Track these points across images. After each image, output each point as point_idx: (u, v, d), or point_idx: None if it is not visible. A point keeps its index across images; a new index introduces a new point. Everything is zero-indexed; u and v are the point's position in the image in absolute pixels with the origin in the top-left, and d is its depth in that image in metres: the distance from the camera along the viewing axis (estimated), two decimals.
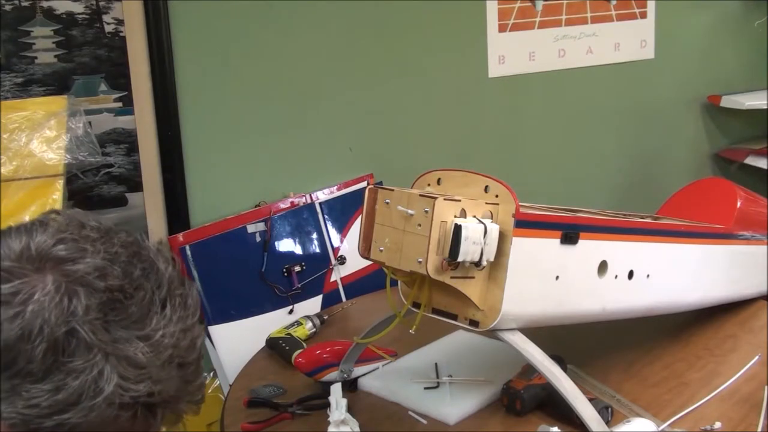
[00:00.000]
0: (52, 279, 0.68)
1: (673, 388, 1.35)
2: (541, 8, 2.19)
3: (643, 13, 2.35)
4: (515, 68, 2.19)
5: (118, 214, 1.72)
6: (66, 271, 0.69)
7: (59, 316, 0.67)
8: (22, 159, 1.49)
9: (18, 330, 0.66)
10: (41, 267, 0.69)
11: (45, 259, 0.69)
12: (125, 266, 0.72)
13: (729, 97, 2.47)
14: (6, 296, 0.67)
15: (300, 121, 1.93)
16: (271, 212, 1.84)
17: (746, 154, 2.51)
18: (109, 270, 0.70)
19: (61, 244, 0.70)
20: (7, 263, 0.69)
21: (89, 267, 0.70)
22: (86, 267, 0.69)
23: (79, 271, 0.69)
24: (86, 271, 0.69)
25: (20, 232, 0.72)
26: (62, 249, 0.70)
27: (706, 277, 1.51)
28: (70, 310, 0.67)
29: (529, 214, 1.10)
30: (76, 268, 0.69)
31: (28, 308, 0.66)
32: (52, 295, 0.67)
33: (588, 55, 2.30)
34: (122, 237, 0.75)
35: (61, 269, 0.69)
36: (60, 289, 0.68)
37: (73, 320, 0.67)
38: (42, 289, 0.67)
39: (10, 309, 0.66)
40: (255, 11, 1.82)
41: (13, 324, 0.66)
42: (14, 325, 0.66)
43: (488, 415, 1.29)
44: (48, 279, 0.68)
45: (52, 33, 1.61)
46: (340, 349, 1.37)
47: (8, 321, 0.66)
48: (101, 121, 1.68)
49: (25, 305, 0.66)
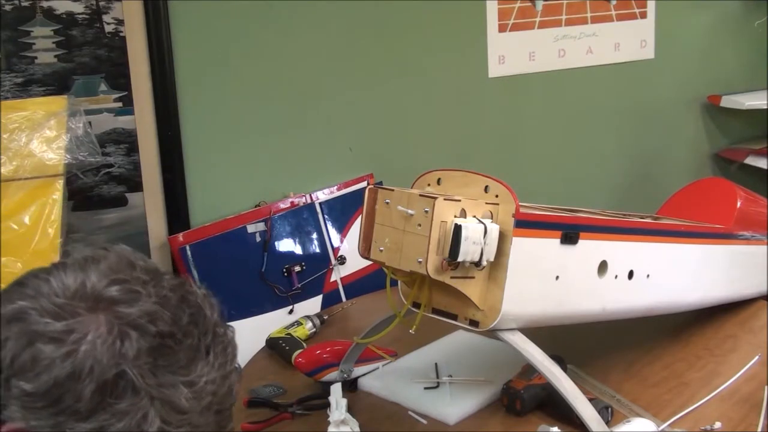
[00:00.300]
0: (105, 320, 0.68)
1: (673, 388, 1.35)
2: (541, 8, 2.19)
3: (643, 13, 2.35)
4: (515, 68, 2.19)
5: (118, 214, 1.72)
6: (119, 313, 0.69)
7: (111, 358, 0.67)
8: (22, 159, 1.49)
9: (69, 368, 0.66)
10: (95, 307, 0.69)
11: (99, 300, 0.70)
12: (175, 311, 0.72)
13: (729, 97, 2.47)
14: (60, 334, 0.67)
15: (300, 121, 1.93)
16: (271, 212, 1.84)
17: (746, 154, 2.51)
18: (160, 315, 0.71)
19: (115, 285, 0.71)
20: (62, 300, 0.69)
21: (142, 311, 0.70)
22: (139, 310, 0.70)
23: (132, 314, 0.69)
24: (139, 315, 0.70)
25: (75, 268, 0.72)
26: (116, 290, 0.71)
27: (706, 277, 1.51)
28: (121, 352, 0.68)
29: (529, 214, 1.10)
30: (129, 311, 0.69)
31: (81, 348, 0.66)
32: (105, 336, 0.67)
33: (588, 55, 2.30)
34: (170, 279, 0.76)
35: (114, 311, 0.69)
36: (113, 331, 0.68)
37: (123, 363, 0.67)
38: (95, 329, 0.68)
39: (63, 347, 0.66)
40: (255, 11, 1.82)
41: (65, 362, 0.66)
42: (66, 363, 0.66)
43: (488, 415, 1.29)
44: (101, 320, 0.68)
45: (52, 33, 1.61)
46: (340, 349, 1.37)
47: (60, 359, 0.66)
48: (101, 121, 1.68)
49: (78, 344, 0.67)
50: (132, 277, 0.72)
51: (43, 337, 0.66)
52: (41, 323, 0.67)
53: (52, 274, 0.71)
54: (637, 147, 2.47)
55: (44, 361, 0.66)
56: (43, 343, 0.66)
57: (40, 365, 0.66)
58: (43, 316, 0.67)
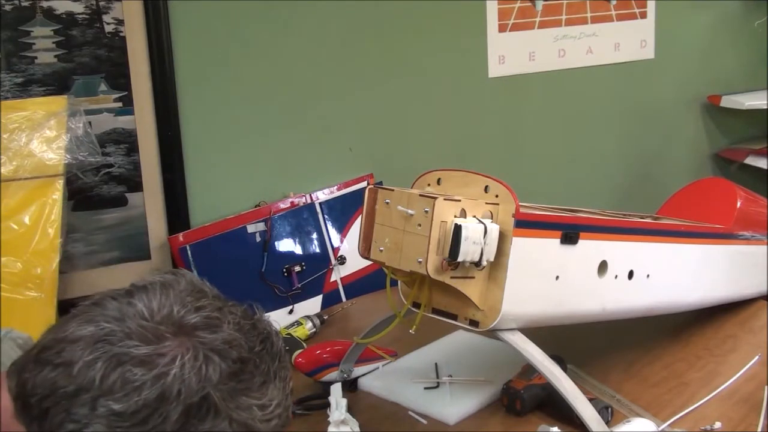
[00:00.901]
0: (192, 345, 0.72)
1: (673, 388, 1.35)
2: (541, 8, 2.19)
3: (643, 13, 2.35)
4: (515, 68, 2.19)
5: (118, 214, 1.72)
6: (203, 339, 0.73)
7: (197, 382, 0.70)
8: (22, 159, 1.49)
9: (158, 390, 0.69)
10: (180, 332, 0.73)
11: (183, 326, 0.73)
12: (250, 338, 0.76)
13: (729, 97, 2.47)
14: (150, 357, 0.70)
15: (300, 121, 1.93)
16: (271, 212, 1.84)
17: (746, 154, 2.51)
18: (238, 341, 0.75)
19: (197, 312, 0.75)
20: (149, 324, 0.72)
21: (223, 337, 0.74)
22: (220, 337, 0.74)
23: (216, 340, 0.73)
24: (223, 341, 0.73)
25: (154, 292, 0.76)
26: (199, 317, 0.74)
27: (706, 277, 1.51)
28: (206, 376, 0.71)
29: (529, 214, 1.10)
30: (212, 338, 0.73)
31: (171, 371, 0.70)
32: (192, 362, 0.71)
33: (588, 55, 2.30)
34: (239, 308, 0.80)
35: (198, 336, 0.73)
36: (198, 356, 0.71)
37: (208, 386, 0.71)
38: (182, 354, 0.71)
39: (154, 370, 0.69)
40: (255, 11, 1.82)
41: (155, 385, 0.69)
42: (156, 385, 0.69)
43: (488, 415, 1.29)
44: (187, 345, 0.72)
45: (52, 33, 1.61)
46: (340, 349, 1.38)
47: (151, 381, 0.69)
48: (101, 121, 1.68)
49: (168, 368, 0.70)
50: (209, 305, 0.76)
51: (134, 360, 0.69)
52: (131, 346, 0.70)
53: (135, 298, 0.74)
54: (637, 147, 2.47)
55: (134, 383, 0.69)
56: (133, 365, 0.69)
57: (130, 387, 0.69)
58: (131, 339, 0.71)
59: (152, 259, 1.77)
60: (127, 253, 1.74)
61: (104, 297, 0.76)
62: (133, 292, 0.76)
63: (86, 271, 1.70)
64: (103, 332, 0.71)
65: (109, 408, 0.68)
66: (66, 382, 0.69)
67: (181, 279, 0.79)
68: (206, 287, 0.80)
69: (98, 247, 1.71)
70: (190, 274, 0.81)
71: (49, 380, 0.70)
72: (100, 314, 0.73)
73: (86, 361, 0.69)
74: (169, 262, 1.77)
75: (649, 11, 2.36)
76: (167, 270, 0.81)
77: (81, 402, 0.69)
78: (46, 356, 0.72)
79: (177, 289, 0.76)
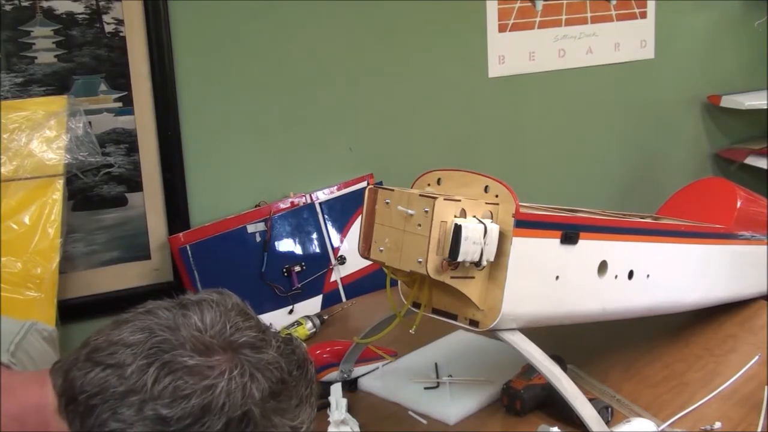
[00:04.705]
0: (239, 362, 0.76)
1: (673, 388, 1.35)
2: (541, 8, 2.19)
3: (643, 13, 2.35)
4: (515, 68, 2.19)
5: (118, 214, 1.72)
6: (250, 357, 0.77)
7: (242, 398, 0.74)
8: (22, 159, 1.49)
9: (206, 401, 0.73)
10: (230, 348, 0.76)
11: (233, 343, 0.77)
12: (289, 362, 0.80)
13: (729, 97, 2.47)
14: (201, 368, 0.74)
15: (300, 121, 1.93)
16: (271, 212, 1.84)
17: (746, 154, 2.51)
18: (280, 363, 0.79)
19: (248, 332, 0.78)
20: (203, 337, 0.76)
21: (268, 359, 0.78)
22: (266, 358, 0.77)
23: (262, 361, 0.77)
24: (268, 361, 0.77)
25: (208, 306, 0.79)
26: (249, 337, 0.78)
27: (706, 277, 1.51)
28: (250, 393, 0.75)
29: (529, 214, 1.10)
30: (259, 358, 0.77)
31: (219, 384, 0.73)
32: (239, 378, 0.75)
33: (588, 55, 2.30)
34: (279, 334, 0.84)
35: (246, 355, 0.77)
36: (245, 373, 0.75)
37: (250, 402, 0.75)
38: (231, 370, 0.75)
39: (204, 381, 0.73)
40: (255, 11, 1.82)
41: (203, 395, 0.73)
42: (204, 396, 0.73)
43: (488, 415, 1.29)
44: (236, 361, 0.76)
45: (52, 33, 1.61)
46: (340, 349, 1.38)
47: (200, 391, 0.73)
48: (101, 121, 1.68)
49: (217, 380, 0.73)
50: (254, 326, 0.80)
51: (185, 369, 0.73)
52: (184, 355, 0.74)
53: (190, 310, 0.78)
54: (637, 147, 2.47)
55: (184, 391, 0.73)
56: (184, 374, 0.73)
57: (179, 394, 0.73)
58: (184, 348, 0.74)
59: (152, 259, 1.77)
60: (127, 253, 1.74)
61: (157, 307, 0.79)
62: (186, 305, 0.79)
63: (86, 271, 1.70)
64: (158, 339, 0.75)
65: (156, 412, 0.72)
66: (117, 382, 0.73)
67: (228, 299, 0.82)
68: (249, 309, 0.83)
69: (98, 247, 1.71)
70: (234, 295, 0.84)
71: (99, 379, 0.73)
72: (154, 322, 0.76)
73: (139, 365, 0.73)
74: (169, 262, 1.78)
75: (649, 11, 2.36)
76: (213, 289, 0.84)
77: (129, 403, 0.72)
78: (98, 357, 0.75)
79: (226, 308, 0.80)
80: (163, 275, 1.78)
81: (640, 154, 2.48)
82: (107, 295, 1.72)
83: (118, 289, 1.73)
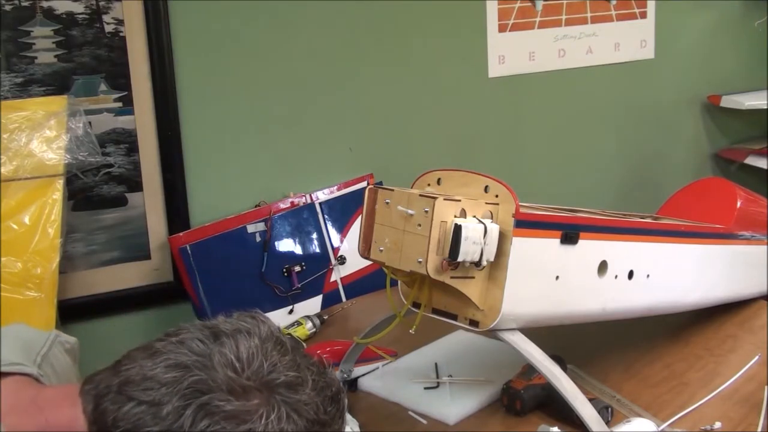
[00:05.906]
0: (276, 403, 0.75)
1: (673, 388, 1.35)
2: (541, 8, 2.19)
3: (643, 13, 2.35)
4: (515, 68, 2.19)
5: (118, 214, 1.72)
6: (285, 397, 0.76)
7: None
8: (22, 159, 1.49)
9: None
10: (266, 389, 0.75)
11: (269, 382, 0.76)
12: (324, 399, 0.79)
13: (729, 97, 2.47)
14: (238, 412, 0.73)
15: (300, 121, 1.93)
16: (271, 212, 1.84)
17: (746, 154, 2.51)
18: (315, 403, 0.78)
19: (285, 372, 0.77)
20: (239, 379, 0.74)
21: (304, 399, 0.77)
22: (303, 398, 0.77)
23: (299, 402, 0.76)
24: (305, 402, 0.76)
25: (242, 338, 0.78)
26: (286, 377, 0.77)
27: (706, 277, 1.51)
28: None
29: (529, 214, 1.10)
30: (296, 398, 0.76)
31: (258, 427, 0.73)
32: (276, 421, 0.74)
33: (588, 55, 2.30)
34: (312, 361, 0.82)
35: (282, 395, 0.76)
36: (282, 415, 0.75)
37: None
38: (269, 413, 0.74)
39: (241, 426, 0.72)
40: (255, 11, 1.82)
41: None
42: None
43: (488, 415, 1.29)
44: (273, 402, 0.75)
45: (52, 33, 1.61)
46: (340, 349, 1.38)
47: None
48: (101, 121, 1.68)
49: (254, 425, 0.73)
50: (290, 361, 0.79)
51: (223, 413, 0.72)
52: (222, 399, 0.73)
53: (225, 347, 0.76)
54: (637, 147, 2.47)
55: None
56: (222, 419, 0.72)
57: None
58: (222, 391, 0.73)
59: (152, 259, 1.77)
60: (127, 253, 1.74)
61: (191, 338, 0.77)
62: (219, 335, 0.78)
63: (86, 271, 1.70)
64: (193, 379, 0.73)
65: None
66: (152, 422, 0.72)
67: (262, 326, 0.81)
68: (282, 336, 0.82)
69: (98, 247, 1.71)
70: (268, 319, 0.83)
71: (133, 415, 0.73)
72: (189, 359, 0.75)
73: (176, 407, 0.72)
74: (169, 262, 1.78)
75: (649, 11, 2.36)
76: (247, 313, 0.83)
77: None
78: (131, 391, 0.74)
79: (261, 338, 0.79)
80: (163, 275, 1.78)
81: (640, 154, 2.48)
82: (107, 295, 1.72)
83: (118, 289, 1.73)
